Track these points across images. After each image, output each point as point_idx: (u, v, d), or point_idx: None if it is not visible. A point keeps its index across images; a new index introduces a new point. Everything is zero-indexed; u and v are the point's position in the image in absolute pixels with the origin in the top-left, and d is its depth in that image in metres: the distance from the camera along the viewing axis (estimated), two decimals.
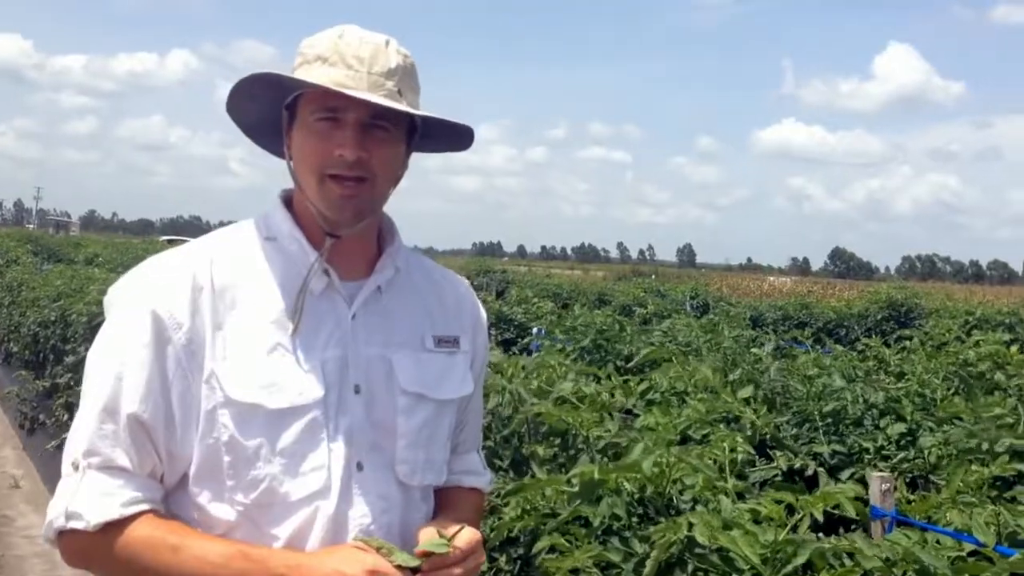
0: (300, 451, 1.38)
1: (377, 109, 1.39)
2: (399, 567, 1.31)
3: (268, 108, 1.48)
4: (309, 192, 1.43)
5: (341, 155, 1.39)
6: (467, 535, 1.37)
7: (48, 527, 1.36)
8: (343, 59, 1.40)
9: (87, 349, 5.56)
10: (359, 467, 1.42)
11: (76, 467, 1.35)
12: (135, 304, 1.39)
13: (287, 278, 1.44)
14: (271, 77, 1.41)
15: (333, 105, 1.39)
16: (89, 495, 1.33)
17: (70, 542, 1.36)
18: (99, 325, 5.39)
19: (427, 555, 1.34)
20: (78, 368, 6.36)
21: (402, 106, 1.40)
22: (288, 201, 1.52)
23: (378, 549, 1.33)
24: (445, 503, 1.58)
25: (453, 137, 1.55)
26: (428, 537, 1.37)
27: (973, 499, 2.28)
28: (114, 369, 1.37)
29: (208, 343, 1.37)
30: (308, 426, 1.38)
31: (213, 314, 1.38)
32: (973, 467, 2.72)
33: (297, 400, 1.38)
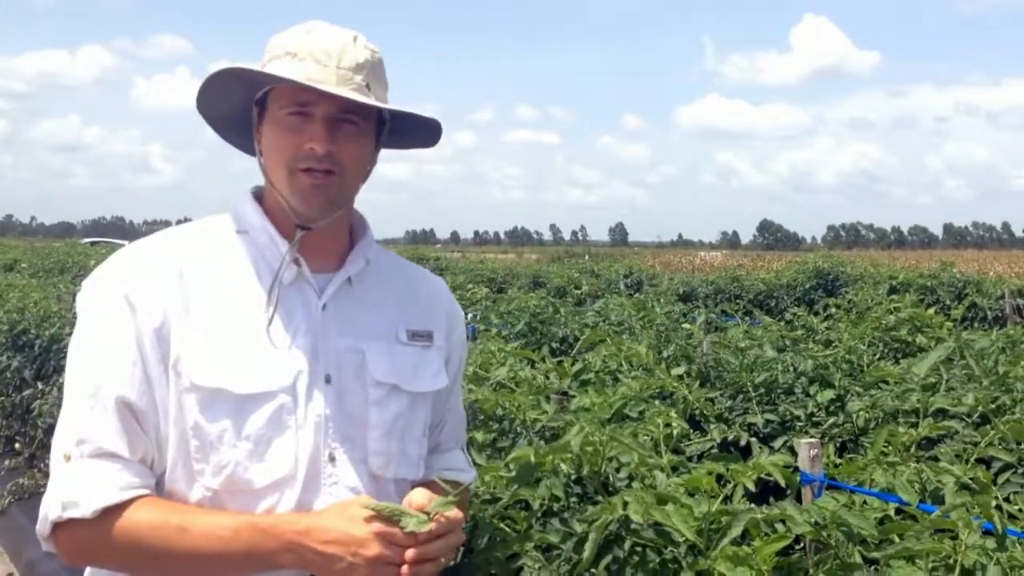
0: (266, 436, 1.39)
1: (345, 103, 1.41)
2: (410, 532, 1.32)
3: (238, 104, 1.50)
4: (279, 185, 1.46)
5: (311, 148, 1.41)
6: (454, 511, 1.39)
7: (43, 522, 1.35)
8: (312, 54, 1.42)
9: (9, 358, 5.43)
10: (331, 459, 1.43)
11: (68, 458, 1.35)
12: (109, 292, 1.40)
13: (257, 268, 1.47)
14: (240, 72, 1.43)
15: (303, 99, 1.42)
16: (84, 483, 1.33)
17: (68, 535, 1.35)
18: (21, 333, 5.26)
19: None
20: (1, 378, 6.17)
21: (370, 100, 1.43)
22: (259, 196, 1.54)
23: (390, 517, 1.32)
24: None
25: (422, 133, 1.57)
26: (424, 498, 1.38)
27: (897, 459, 2.36)
28: (96, 356, 1.38)
29: (175, 329, 1.39)
30: (275, 412, 1.40)
31: (183, 300, 1.40)
32: (901, 429, 2.81)
33: (264, 386, 1.40)
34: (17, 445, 5.99)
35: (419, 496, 1.39)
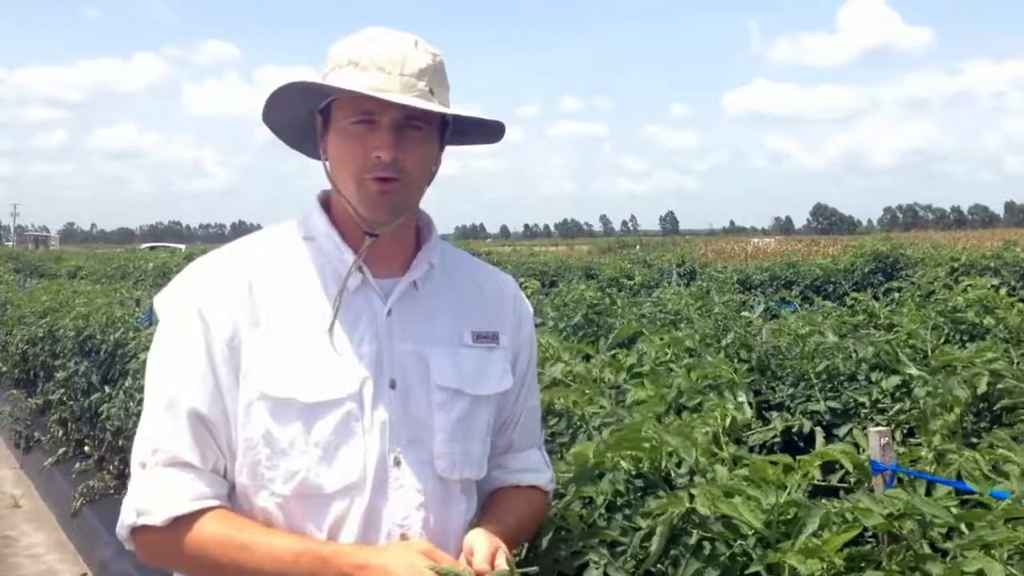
0: (335, 443, 1.42)
1: (411, 110, 1.42)
2: None
3: (302, 112, 1.52)
4: (347, 193, 1.47)
5: (378, 157, 1.42)
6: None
7: (121, 525, 1.44)
8: (375, 62, 1.42)
9: (77, 364, 5.57)
10: (396, 462, 1.45)
11: (144, 465, 1.41)
12: (183, 307, 1.45)
13: (323, 276, 1.49)
14: (305, 85, 1.44)
15: (367, 108, 1.43)
16: (157, 491, 1.39)
17: (144, 539, 1.42)
18: (87, 339, 5.39)
19: None
20: (69, 383, 6.33)
21: (435, 106, 1.43)
22: (325, 201, 1.56)
23: None
24: (497, 501, 1.61)
25: (484, 131, 1.58)
26: (484, 549, 1.38)
27: (949, 446, 2.29)
28: (170, 369, 1.43)
29: (245, 339, 1.43)
30: (343, 419, 1.42)
31: (251, 311, 1.44)
32: (947, 415, 2.74)
33: (331, 394, 1.42)
34: (86, 448, 6.14)
35: (480, 546, 1.40)
